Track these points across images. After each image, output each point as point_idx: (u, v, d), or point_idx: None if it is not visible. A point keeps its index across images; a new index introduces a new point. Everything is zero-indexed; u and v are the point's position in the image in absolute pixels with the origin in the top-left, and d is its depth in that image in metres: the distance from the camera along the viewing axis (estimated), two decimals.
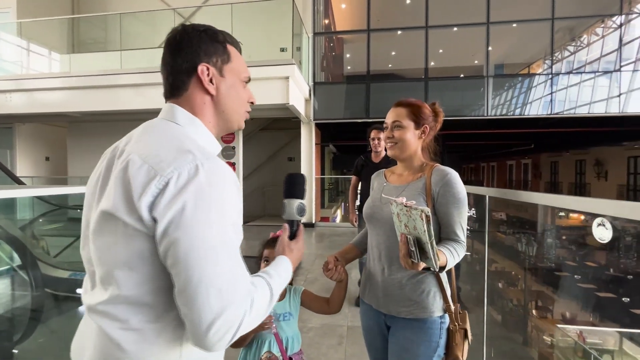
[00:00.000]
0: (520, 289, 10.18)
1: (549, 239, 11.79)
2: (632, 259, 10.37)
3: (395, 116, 1.10)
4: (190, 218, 0.51)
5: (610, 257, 10.46)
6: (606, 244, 10.09)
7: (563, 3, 6.85)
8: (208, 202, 0.52)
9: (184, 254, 0.50)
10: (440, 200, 1.00)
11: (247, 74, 0.72)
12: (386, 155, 2.95)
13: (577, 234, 11.76)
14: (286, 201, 0.86)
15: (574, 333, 7.79)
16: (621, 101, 6.88)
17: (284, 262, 0.74)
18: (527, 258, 11.18)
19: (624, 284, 9.96)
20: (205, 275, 0.50)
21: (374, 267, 1.11)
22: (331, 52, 9.02)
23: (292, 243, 0.82)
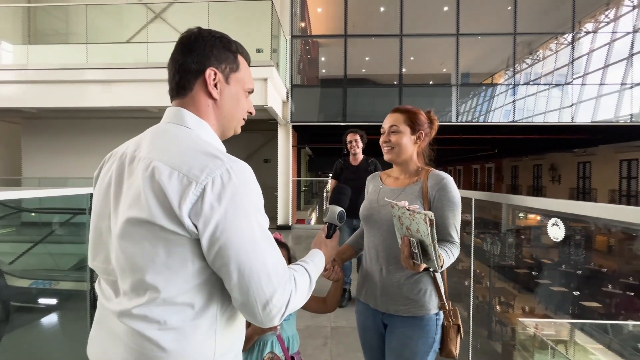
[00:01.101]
0: (485, 286, 10.77)
1: (510, 239, 12.59)
2: (580, 256, 11.35)
3: (393, 121, 1.14)
4: (233, 220, 0.55)
5: (563, 254, 11.38)
6: (559, 242, 10.95)
7: (523, 20, 7.40)
8: (244, 202, 0.57)
9: (234, 253, 0.55)
10: (436, 204, 1.06)
11: (252, 86, 0.75)
12: (365, 157, 3.03)
13: (534, 234, 12.66)
14: (330, 207, 0.97)
15: (532, 326, 8.39)
16: (572, 111, 7.53)
17: (319, 254, 0.80)
18: (492, 257, 11.86)
19: (574, 279, 10.87)
20: (254, 266, 0.55)
21: (371, 267, 1.14)
22: (307, 55, 9.07)
23: (327, 241, 0.90)
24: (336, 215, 0.94)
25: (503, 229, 12.51)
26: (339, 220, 0.94)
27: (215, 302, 0.60)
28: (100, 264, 0.64)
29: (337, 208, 0.95)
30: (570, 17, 7.46)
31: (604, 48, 7.91)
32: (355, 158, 2.99)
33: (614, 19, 8.08)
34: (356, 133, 2.96)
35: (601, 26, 8.21)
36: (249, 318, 0.59)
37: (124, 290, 0.59)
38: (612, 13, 8.12)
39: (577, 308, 9.55)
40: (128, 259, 0.57)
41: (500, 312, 9.74)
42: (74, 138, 7.30)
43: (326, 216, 0.97)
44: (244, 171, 0.59)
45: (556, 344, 8.06)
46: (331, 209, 0.96)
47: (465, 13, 7.31)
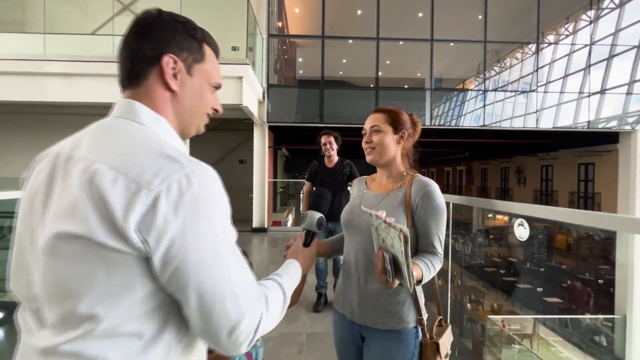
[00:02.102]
0: (456, 285, 11.11)
1: (480, 239, 13.10)
2: (543, 254, 11.99)
3: (374, 121, 1.11)
4: (193, 234, 0.47)
5: (527, 252, 11.98)
6: (524, 241, 11.50)
7: (492, 29, 7.73)
8: (207, 212, 0.49)
9: (194, 273, 0.46)
10: (419, 212, 1.01)
11: (219, 80, 0.66)
12: (340, 159, 2.99)
13: (501, 233, 13.25)
14: (309, 212, 0.92)
15: (499, 322, 8.74)
16: (537, 117, 7.95)
17: (295, 265, 0.75)
18: (463, 257, 12.26)
19: (538, 276, 11.46)
20: (219, 287, 0.48)
21: (349, 275, 1.09)
22: (284, 55, 8.98)
23: (305, 250, 0.85)
24: (315, 221, 0.89)
25: (473, 229, 13.01)
26: (318, 227, 0.89)
27: (169, 329, 0.50)
28: (21, 288, 0.52)
29: (316, 214, 0.90)
30: (535, 29, 7.89)
31: (564, 58, 8.42)
32: (330, 160, 2.95)
33: (573, 32, 8.64)
34: (330, 135, 2.91)
35: (561, 38, 8.75)
36: (211, 345, 0.51)
37: (51, 321, 0.48)
38: (571, 26, 8.68)
39: (540, 303, 10.09)
40: (57, 282, 0.46)
41: (470, 310, 10.10)
42: (30, 134, 6.77)
43: (304, 222, 0.91)
44: (207, 177, 0.51)
45: (522, 338, 8.45)
46: (309, 215, 0.90)
47: (439, 20, 7.53)
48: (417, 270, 0.91)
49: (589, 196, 9.62)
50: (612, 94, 7.94)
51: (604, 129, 7.93)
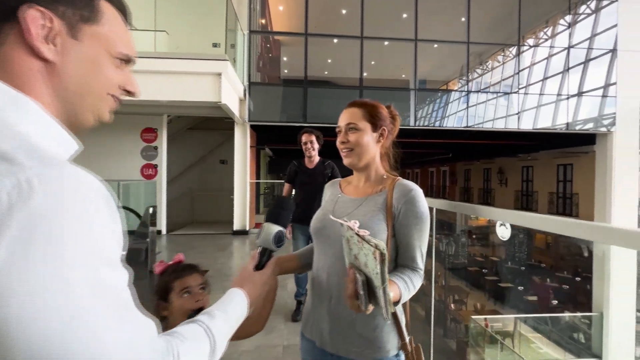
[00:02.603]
0: (440, 285, 11.17)
1: (463, 239, 13.25)
2: (523, 253, 12.24)
3: (350, 117, 0.95)
4: (21, 272, 0.29)
5: (509, 252, 12.20)
6: (506, 241, 11.70)
7: (475, 32, 7.79)
8: (54, 240, 0.31)
9: (24, 334, 0.29)
10: (401, 220, 0.88)
11: (127, 51, 0.48)
12: (321, 160, 2.84)
13: (484, 233, 13.45)
14: (265, 225, 0.77)
15: (482, 322, 8.83)
16: (518, 119, 8.06)
17: (238, 296, 0.59)
18: (447, 257, 12.36)
19: (519, 275, 11.67)
20: (70, 356, 0.30)
21: (319, 295, 0.92)
22: (268, 54, 8.79)
23: (257, 274, 0.70)
24: (272, 237, 0.73)
25: (457, 230, 13.15)
26: (276, 243, 0.74)
27: None
28: None
29: (274, 227, 0.75)
30: (516, 32, 8.00)
31: (544, 61, 8.58)
32: (311, 160, 2.79)
33: (552, 35, 8.82)
34: (311, 134, 2.75)
35: (541, 42, 8.92)
36: None
37: None
38: (550, 30, 8.87)
39: (521, 302, 10.29)
40: None
41: (454, 310, 10.18)
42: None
43: (259, 238, 0.75)
44: (67, 186, 0.34)
45: (504, 336, 8.58)
46: (265, 229, 0.75)
47: (423, 21, 7.53)
48: (394, 289, 0.77)
49: (568, 196, 9.87)
50: (589, 97, 8.14)
51: (581, 130, 8.12)
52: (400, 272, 0.85)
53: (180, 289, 0.87)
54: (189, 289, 0.88)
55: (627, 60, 7.85)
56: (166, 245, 5.72)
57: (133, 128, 6.42)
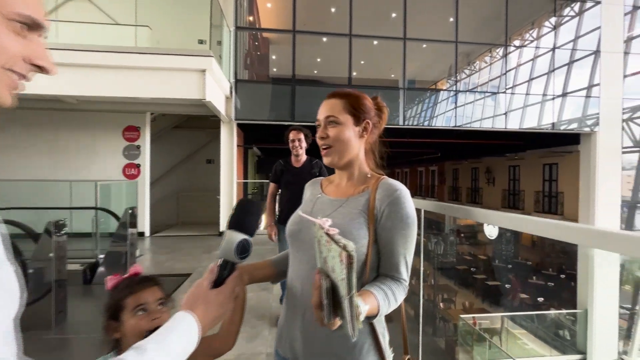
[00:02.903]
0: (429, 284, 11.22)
1: (451, 238, 13.37)
2: (510, 251, 12.42)
3: (329, 110, 0.85)
4: None
5: (496, 250, 12.35)
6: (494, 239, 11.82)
7: (463, 32, 7.83)
8: None
9: None
10: (384, 223, 0.78)
11: (31, 12, 0.37)
12: (309, 158, 2.72)
13: (472, 232, 13.60)
14: (227, 232, 0.64)
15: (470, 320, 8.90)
16: (505, 119, 8.13)
17: (184, 324, 0.49)
18: (436, 256, 12.44)
19: (506, 273, 11.82)
20: None
21: (293, 307, 0.82)
22: (256, 52, 8.64)
23: (213, 293, 0.58)
24: (234, 246, 0.62)
25: (446, 229, 13.25)
26: (240, 254, 0.62)
27: None
28: None
29: (238, 235, 0.63)
30: (503, 33, 8.07)
31: (530, 62, 8.69)
32: (298, 159, 2.67)
33: (537, 37, 8.94)
34: (300, 131, 2.63)
35: (527, 43, 9.02)
36: None
37: None
38: (536, 32, 8.98)
39: (508, 300, 10.42)
40: None
41: (443, 309, 10.24)
42: None
43: (219, 248, 0.64)
44: None
45: (492, 334, 8.67)
46: (228, 238, 0.63)
47: (412, 20, 7.53)
48: (371, 301, 0.67)
49: (553, 195, 10.03)
50: (573, 97, 8.27)
51: (566, 130, 8.24)
52: (380, 281, 0.75)
53: (134, 306, 0.75)
54: (145, 306, 0.76)
55: (609, 62, 8.01)
56: (149, 247, 5.52)
57: (114, 126, 6.19)
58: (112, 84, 4.59)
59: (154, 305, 0.76)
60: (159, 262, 4.52)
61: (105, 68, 4.54)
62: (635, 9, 8.88)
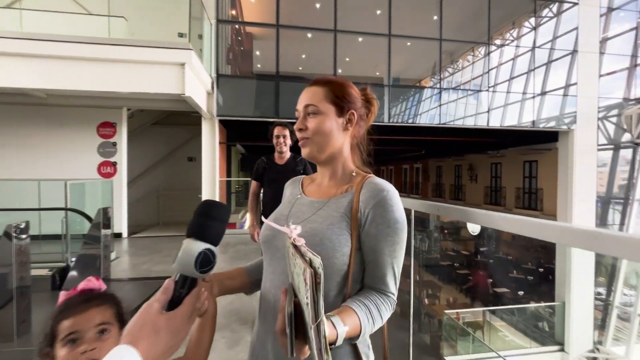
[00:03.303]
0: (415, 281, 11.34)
1: (436, 234, 13.57)
2: (492, 246, 12.71)
3: (309, 98, 0.76)
4: None
5: (478, 245, 12.62)
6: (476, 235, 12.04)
7: (447, 30, 7.88)
8: None
9: None
10: (368, 229, 0.68)
11: None
12: (293, 155, 2.59)
13: (455, 228, 13.85)
14: (185, 241, 0.53)
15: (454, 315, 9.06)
16: (487, 116, 8.26)
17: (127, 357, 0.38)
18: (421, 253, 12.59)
19: (488, 268, 12.09)
20: None
21: (265, 321, 0.73)
22: (239, 47, 8.43)
23: (164, 318, 0.47)
24: (194, 258, 0.51)
25: (430, 225, 13.43)
26: (201, 268, 0.52)
27: None
28: None
29: (198, 245, 0.52)
30: (485, 32, 8.18)
31: (511, 61, 8.85)
32: (282, 156, 2.55)
33: (517, 37, 9.12)
34: (285, 127, 2.50)
35: (507, 42, 9.19)
36: None
37: None
38: (516, 32, 9.16)
39: (489, 294, 10.67)
40: None
41: (428, 305, 10.37)
42: None
43: (176, 260, 0.52)
44: None
45: (475, 328, 8.84)
46: (185, 248, 0.52)
47: (396, 18, 7.52)
48: (352, 319, 0.59)
49: (533, 192, 10.29)
50: (551, 96, 8.48)
51: (545, 128, 8.45)
52: (364, 296, 0.66)
53: (65, 333, 0.62)
54: (76, 335, 0.62)
55: (586, 62, 8.25)
56: (127, 249, 5.29)
57: (88, 122, 5.88)
58: (84, 78, 4.34)
59: (90, 333, 0.63)
60: (136, 265, 4.32)
61: (76, 60, 4.28)
62: (609, 10, 9.18)
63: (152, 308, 0.46)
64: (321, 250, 0.64)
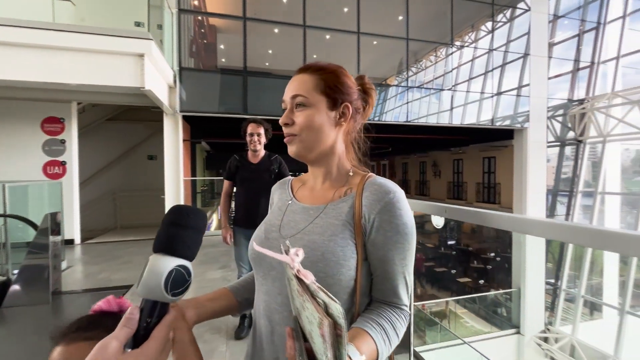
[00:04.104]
0: None
1: None
2: (455, 239, 13.35)
3: (297, 87, 0.65)
4: None
5: (442, 238, 13.20)
6: (440, 228, 12.55)
7: (414, 29, 8.08)
8: None
9: None
10: (375, 237, 0.60)
11: None
12: (267, 154, 2.47)
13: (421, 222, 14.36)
14: (151, 258, 0.43)
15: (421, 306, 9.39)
16: (450, 115, 8.62)
17: None
18: None
19: (451, 259, 12.69)
20: None
21: (260, 349, 0.63)
22: (202, 39, 8.03)
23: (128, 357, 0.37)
24: (163, 279, 0.41)
25: None
26: (171, 290, 0.42)
27: None
28: None
29: (169, 262, 0.42)
30: (448, 33, 8.51)
31: (470, 62, 9.29)
32: (256, 155, 2.43)
33: (475, 39, 9.60)
34: (260, 125, 2.37)
35: (467, 44, 9.64)
36: None
37: None
38: (474, 35, 9.64)
39: (454, 284, 11.23)
40: None
41: None
42: None
43: (140, 282, 0.42)
44: None
45: (441, 318, 9.24)
46: (151, 266, 0.41)
47: (365, 16, 7.57)
48: (367, 345, 0.52)
49: (492, 186, 10.95)
50: (507, 96, 9.04)
51: (501, 126, 8.99)
52: (376, 313, 0.59)
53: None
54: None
55: (537, 64, 8.89)
56: (81, 257, 4.83)
57: (30, 117, 5.27)
58: (25, 67, 3.85)
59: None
60: (91, 274, 3.94)
61: (16, 47, 3.79)
62: (555, 17, 9.95)
63: (109, 349, 0.36)
64: (324, 267, 0.57)
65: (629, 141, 8.84)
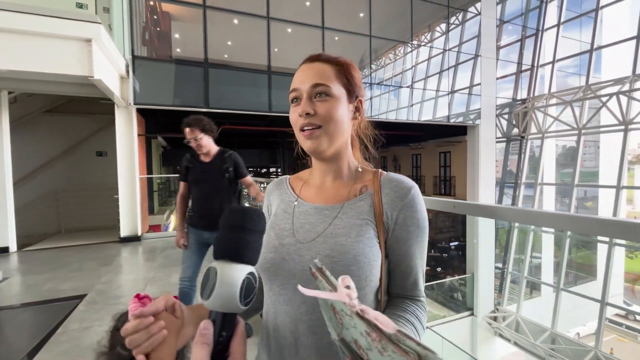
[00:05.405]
0: None
1: None
2: None
3: (317, 76, 0.61)
4: None
5: None
6: None
7: (376, 26, 8.25)
8: None
9: None
10: (399, 233, 0.59)
11: None
12: (220, 150, 2.28)
13: None
14: (217, 267, 0.38)
15: None
16: (408, 111, 8.97)
17: None
18: None
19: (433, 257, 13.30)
20: None
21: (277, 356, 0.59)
22: (155, 27, 7.47)
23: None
24: (238, 289, 0.37)
25: None
26: (243, 299, 0.38)
27: None
28: None
29: (240, 269, 0.38)
30: (408, 31, 8.81)
31: (428, 60, 9.73)
32: (206, 154, 2.26)
33: (431, 40, 10.07)
34: (195, 127, 2.14)
35: (423, 44, 10.08)
36: None
37: None
38: (430, 35, 10.10)
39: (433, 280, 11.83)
40: None
41: None
42: None
43: (205, 294, 0.37)
44: None
45: None
46: (223, 276, 0.37)
47: (328, 13, 7.57)
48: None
49: (447, 179, 11.65)
50: (460, 94, 9.63)
51: (455, 123, 9.57)
52: (401, 309, 0.58)
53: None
54: None
55: (486, 65, 9.56)
56: (18, 267, 4.29)
57: None
58: None
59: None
60: (34, 285, 3.51)
61: None
62: (501, 22, 10.75)
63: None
64: (357, 270, 0.55)
65: (562, 137, 9.89)
